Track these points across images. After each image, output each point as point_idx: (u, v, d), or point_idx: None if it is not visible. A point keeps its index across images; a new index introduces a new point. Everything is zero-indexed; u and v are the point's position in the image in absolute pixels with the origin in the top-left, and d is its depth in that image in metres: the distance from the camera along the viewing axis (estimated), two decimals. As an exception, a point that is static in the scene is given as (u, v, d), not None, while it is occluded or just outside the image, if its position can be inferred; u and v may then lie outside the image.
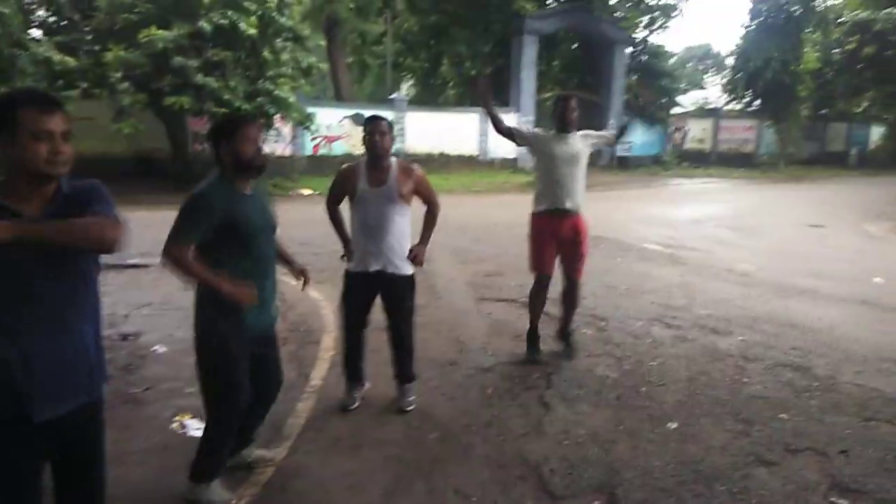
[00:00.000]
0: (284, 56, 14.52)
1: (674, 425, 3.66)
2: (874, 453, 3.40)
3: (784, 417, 3.78)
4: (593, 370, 4.48)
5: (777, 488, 3.04)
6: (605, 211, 11.64)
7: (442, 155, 21.11)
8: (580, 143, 4.45)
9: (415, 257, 3.71)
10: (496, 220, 11.05)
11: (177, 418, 3.62)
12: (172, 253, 2.55)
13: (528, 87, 22.19)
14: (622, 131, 5.03)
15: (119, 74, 12.86)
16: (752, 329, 5.43)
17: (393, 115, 20.14)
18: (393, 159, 3.62)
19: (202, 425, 2.92)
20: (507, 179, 19.70)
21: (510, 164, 21.77)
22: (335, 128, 19.43)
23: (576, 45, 25.27)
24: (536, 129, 4.79)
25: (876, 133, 30.73)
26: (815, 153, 28.31)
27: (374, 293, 3.73)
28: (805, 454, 3.37)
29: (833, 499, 2.97)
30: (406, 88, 28.03)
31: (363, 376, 3.91)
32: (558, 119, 4.44)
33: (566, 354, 4.67)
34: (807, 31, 24.73)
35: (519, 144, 4.69)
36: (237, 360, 2.74)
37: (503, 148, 21.95)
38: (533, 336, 4.68)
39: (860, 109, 29.72)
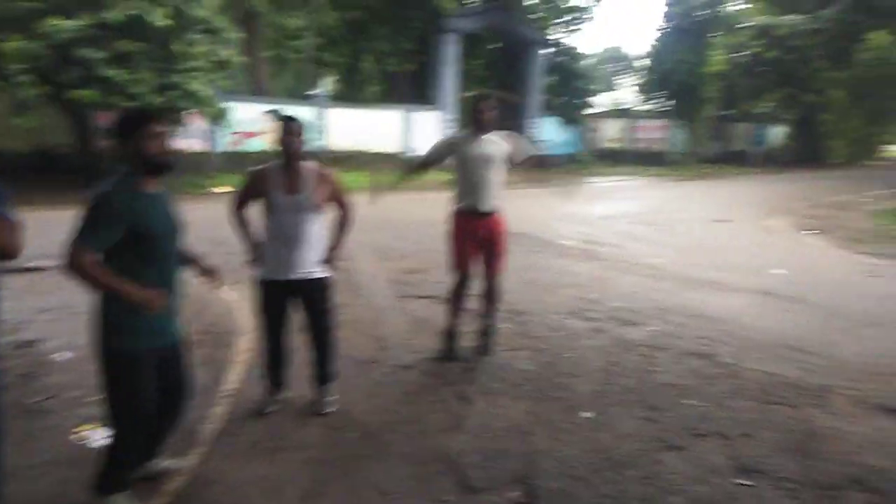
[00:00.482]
0: (198, 49, 13.98)
1: (588, 414, 3.78)
2: (774, 435, 3.63)
3: (691, 403, 3.98)
4: (513, 364, 4.56)
5: (684, 472, 3.19)
6: (525, 208, 11.87)
7: (364, 152, 20.92)
8: (498, 144, 4.49)
9: (328, 261, 3.66)
10: (418, 217, 11.05)
11: (80, 429, 3.43)
12: (75, 258, 2.39)
13: (449, 84, 22.32)
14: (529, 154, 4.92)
15: (18, 66, 12.02)
16: (661, 320, 5.68)
17: (314, 112, 19.83)
18: (308, 163, 3.55)
19: (107, 435, 2.78)
20: (429, 177, 19.72)
21: (433, 162, 21.79)
22: (253, 123, 18.90)
23: (497, 45, 25.60)
24: (451, 134, 4.78)
25: (777, 133, 32.75)
26: (721, 152, 29.83)
27: (290, 298, 3.65)
28: (710, 438, 3.56)
29: (736, 480, 3.15)
30: (327, 84, 27.60)
31: (285, 382, 3.82)
32: (475, 120, 4.46)
33: (484, 351, 4.72)
34: (714, 35, 26.03)
35: (440, 160, 4.64)
36: (141, 371, 2.61)
37: (427, 145, 21.97)
38: (452, 334, 4.69)
39: (760, 110, 31.62)
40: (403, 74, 24.50)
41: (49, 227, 4.31)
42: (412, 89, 23.28)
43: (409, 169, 4.56)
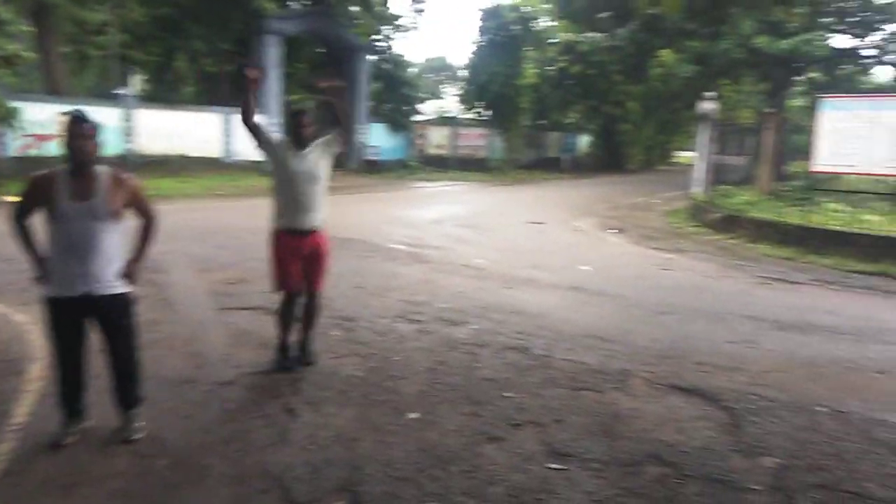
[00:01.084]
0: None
1: (414, 415, 3.84)
2: (582, 419, 3.93)
3: (509, 396, 4.19)
4: (339, 371, 4.50)
5: (503, 461, 3.35)
6: (354, 213, 11.85)
7: (181, 156, 19.61)
8: (317, 156, 4.34)
9: (128, 275, 3.36)
10: (241, 225, 10.58)
11: None
12: None
13: (272, 88, 21.64)
14: (342, 122, 4.67)
15: None
16: (483, 318, 5.93)
17: (120, 113, 18.22)
18: (101, 167, 3.24)
19: None
20: (253, 183, 18.97)
21: (256, 167, 20.99)
22: (47, 125, 16.93)
23: (320, 50, 25.30)
24: (281, 138, 4.54)
25: (583, 141, 35.78)
26: (536, 159, 31.97)
27: (85, 317, 3.30)
28: (526, 427, 3.77)
29: (549, 465, 3.36)
30: (136, 83, 25.48)
31: (84, 410, 3.44)
32: (293, 135, 4.31)
33: (307, 361, 4.61)
34: (525, 49, 27.81)
35: (259, 147, 4.39)
36: None
37: (249, 150, 21.11)
38: (282, 349, 4.54)
39: (569, 120, 34.43)
40: (222, 75, 23.36)
41: None
42: (232, 91, 22.25)
43: (249, 106, 4.13)
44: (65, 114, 3.13)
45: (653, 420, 3.97)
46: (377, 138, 25.32)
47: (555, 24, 32.74)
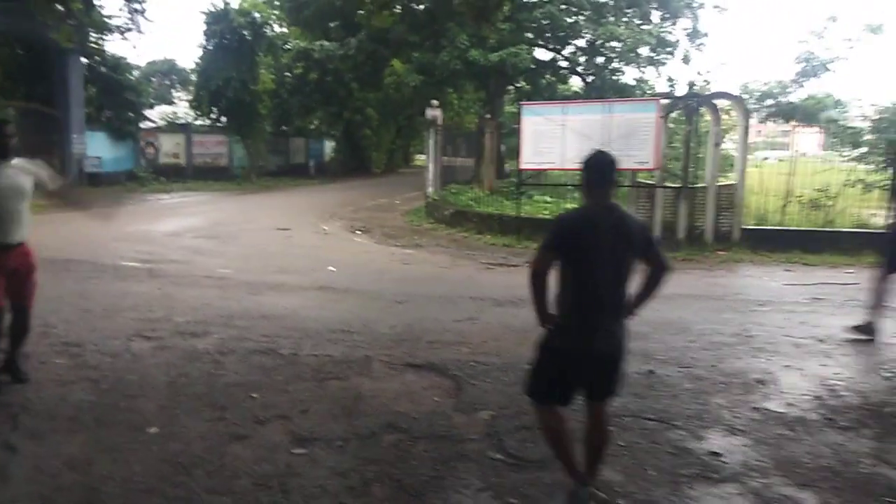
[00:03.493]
0: None
1: (154, 429, 3.78)
2: (327, 406, 4.22)
3: (255, 396, 4.32)
4: (67, 398, 4.21)
5: (248, 456, 3.50)
6: (74, 232, 10.69)
7: None
8: (24, 173, 4.16)
9: None
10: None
11: None
12: None
13: (-46, 94, 18.36)
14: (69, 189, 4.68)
15: None
16: (227, 326, 5.92)
17: None
18: None
19: None
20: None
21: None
22: None
23: (20, 51, 22.04)
24: None
25: (329, 146, 36.21)
26: (282, 165, 31.57)
27: None
28: (272, 422, 3.95)
29: (294, 451, 3.59)
30: None
31: None
32: None
33: (18, 380, 4.37)
34: (260, 54, 27.27)
35: None
36: None
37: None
38: None
39: (313, 126, 34.60)
40: None
41: None
42: None
43: None
44: None
45: (390, 396, 4.41)
46: (97, 148, 22.83)
47: (286, 31, 32.61)
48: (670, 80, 26.12)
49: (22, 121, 17.95)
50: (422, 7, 25.53)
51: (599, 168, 2.97)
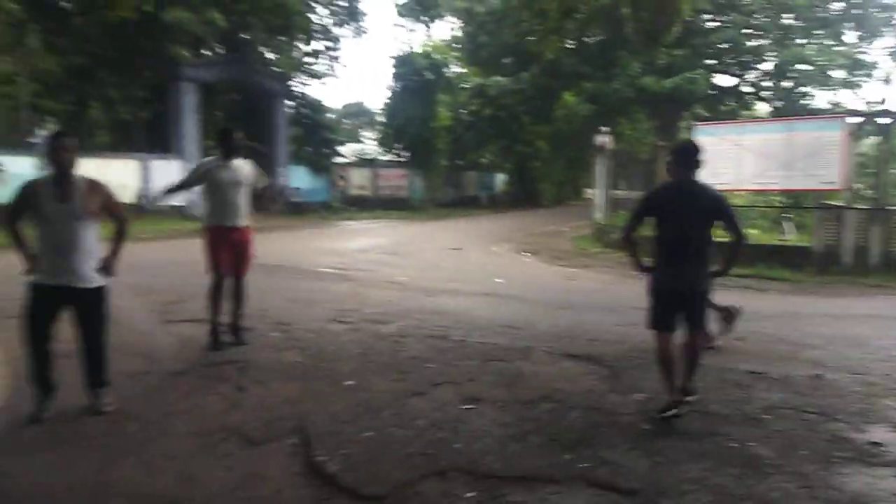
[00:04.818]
0: None
1: (349, 382, 4.52)
2: (490, 378, 4.72)
3: (430, 366, 4.94)
4: (281, 360, 5.12)
5: (425, 406, 4.08)
6: (282, 246, 12.38)
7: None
8: (243, 170, 5.37)
9: (105, 268, 3.92)
10: (171, 259, 10.90)
11: None
12: None
13: (190, 133, 21.88)
14: (271, 190, 5.91)
15: None
16: (407, 317, 6.67)
17: (35, 161, 18.03)
18: (79, 175, 3.82)
19: None
20: (175, 227, 19.06)
21: (177, 212, 21.06)
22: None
23: (238, 96, 25.78)
24: (202, 162, 5.52)
25: (500, 179, 37.48)
26: (456, 197, 33.23)
27: (61, 305, 3.82)
28: (445, 385, 4.51)
29: (462, 406, 4.10)
30: (48, 132, 25.04)
31: (54, 387, 3.91)
32: (223, 149, 5.34)
33: (240, 343, 5.45)
34: (439, 93, 29.24)
35: (197, 183, 5.45)
36: None
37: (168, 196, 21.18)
38: (216, 328, 5.36)
39: (485, 160, 36.10)
40: (138, 123, 23.40)
41: None
42: (149, 138, 22.37)
43: (173, 191, 5.42)
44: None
45: (548, 376, 4.80)
46: (299, 181, 25.82)
47: (464, 70, 34.52)
48: (869, 103, 23.92)
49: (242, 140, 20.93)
50: (594, 38, 25.87)
51: (684, 153, 4.11)
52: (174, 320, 6.42)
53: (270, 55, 25.66)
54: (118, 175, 20.42)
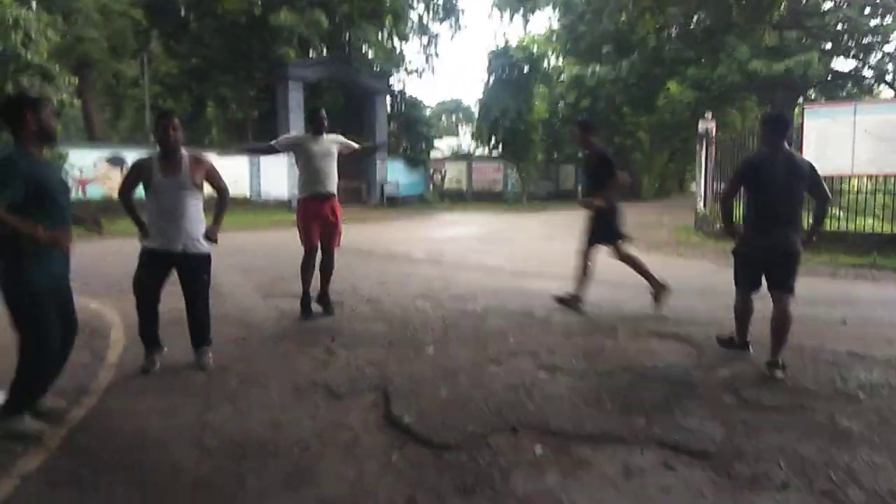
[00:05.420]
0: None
1: (431, 350, 4.68)
2: (570, 351, 4.72)
3: (511, 340, 5.00)
4: (368, 329, 5.36)
5: (502, 372, 4.17)
6: (376, 234, 12.82)
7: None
8: (332, 143, 5.72)
9: (210, 236, 4.29)
10: (275, 244, 11.57)
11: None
12: None
13: (296, 130, 23.02)
14: (372, 149, 6.19)
15: None
16: (492, 297, 6.76)
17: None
18: (184, 151, 4.20)
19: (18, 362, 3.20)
20: (282, 217, 20.12)
21: (285, 206, 22.21)
22: (88, 170, 18.33)
23: (340, 94, 26.79)
24: (293, 134, 5.98)
25: (598, 173, 36.66)
26: (551, 191, 32.95)
27: (169, 269, 4.22)
28: (523, 355, 4.58)
29: (539, 374, 4.15)
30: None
31: (160, 342, 4.32)
32: (313, 125, 5.73)
33: (328, 313, 5.77)
34: (535, 86, 29.06)
35: (281, 152, 6.01)
36: (45, 303, 3.13)
37: (277, 189, 22.43)
38: (306, 299, 5.73)
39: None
40: (248, 121, 24.85)
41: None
42: (258, 135, 23.69)
43: (254, 151, 6.11)
44: (109, 160, 4.23)
45: (631, 352, 4.74)
46: (396, 175, 26.54)
47: (562, 61, 34.04)
48: None
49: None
50: (698, 23, 24.80)
51: (775, 122, 4.29)
52: (273, 295, 6.85)
53: (370, 54, 26.46)
54: (230, 170, 21.87)
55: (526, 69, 28.09)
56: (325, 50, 25.78)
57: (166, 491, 2.67)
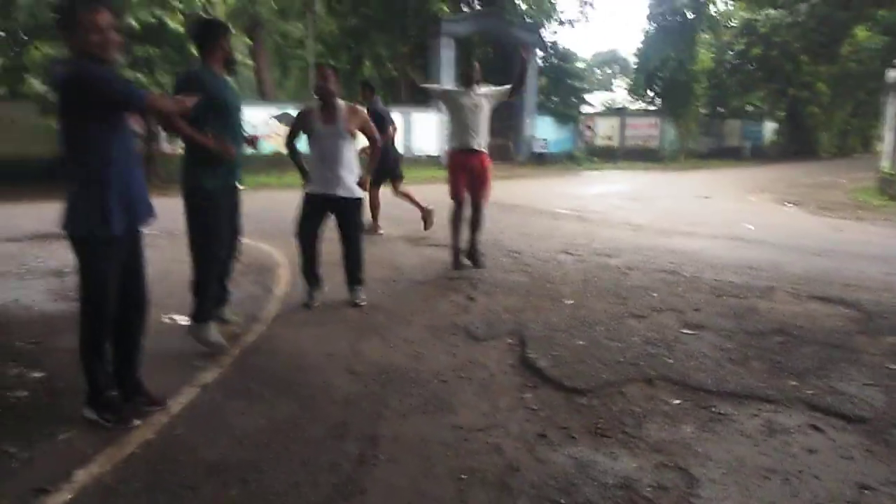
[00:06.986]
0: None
1: (569, 301, 4.69)
2: (718, 310, 4.53)
3: (654, 295, 4.88)
4: (508, 279, 5.46)
5: (641, 328, 4.09)
6: (522, 190, 12.84)
7: (365, 150, 21.85)
8: (482, 96, 5.66)
9: (361, 182, 4.58)
10: (424, 197, 11.93)
11: (165, 317, 4.31)
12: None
13: (448, 86, 23.32)
14: (520, 80, 5.80)
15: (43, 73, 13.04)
16: (636, 253, 6.59)
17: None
18: (340, 101, 4.48)
19: (184, 318, 3.69)
20: (434, 174, 20.66)
21: (435, 162, 22.77)
22: (261, 127, 19.89)
23: (491, 48, 26.64)
24: (446, 87, 6.00)
25: (769, 128, 33.65)
26: (713, 148, 30.74)
27: (327, 212, 4.56)
28: (666, 312, 4.46)
29: (683, 331, 4.04)
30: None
31: (320, 281, 4.72)
32: (464, 77, 5.74)
33: (477, 264, 5.84)
34: (700, 33, 27.01)
35: (433, 97, 6.09)
36: (219, 209, 3.57)
37: (428, 145, 23.02)
38: (456, 250, 5.81)
39: (751, 108, 32.59)
40: (401, 78, 25.52)
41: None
42: (411, 92, 24.31)
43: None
44: (276, 117, 4.63)
45: (787, 314, 4.45)
46: (544, 131, 26.08)
47: (731, 5, 31.26)
48: None
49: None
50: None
51: None
52: (421, 244, 7.16)
53: (522, 4, 25.98)
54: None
55: (690, 15, 26.15)
56: (476, 4, 25.68)
57: (321, 406, 2.97)
